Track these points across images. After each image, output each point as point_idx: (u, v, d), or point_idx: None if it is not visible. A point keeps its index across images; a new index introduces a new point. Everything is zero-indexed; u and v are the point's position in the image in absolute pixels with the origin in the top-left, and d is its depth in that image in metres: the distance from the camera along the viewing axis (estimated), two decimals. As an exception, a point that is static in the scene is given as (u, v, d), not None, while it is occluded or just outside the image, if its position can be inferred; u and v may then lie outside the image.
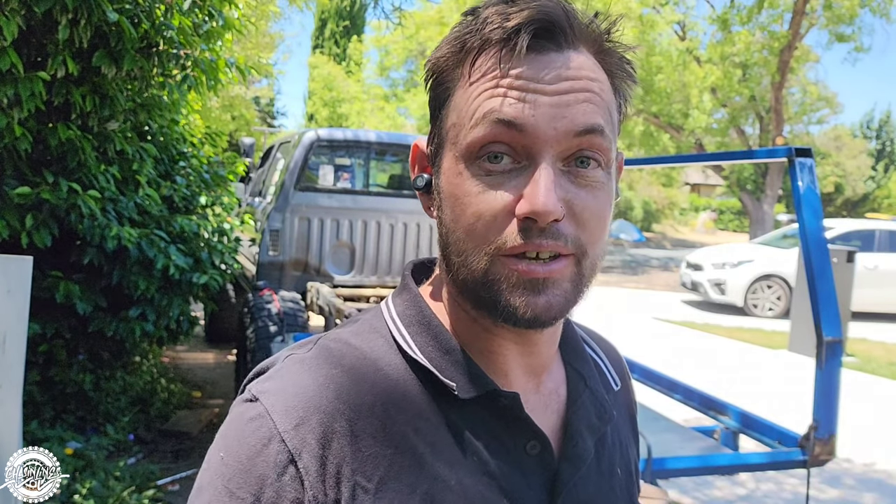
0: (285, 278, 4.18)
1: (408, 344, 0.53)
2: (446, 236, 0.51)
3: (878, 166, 28.92)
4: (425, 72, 0.53)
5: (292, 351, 0.54)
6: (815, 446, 1.84)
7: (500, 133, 0.47)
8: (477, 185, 0.48)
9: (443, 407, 0.51)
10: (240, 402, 0.51)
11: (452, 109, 0.50)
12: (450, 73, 0.51)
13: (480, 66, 0.48)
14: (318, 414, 0.47)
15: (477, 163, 0.48)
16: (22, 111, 2.47)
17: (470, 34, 0.49)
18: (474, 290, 0.50)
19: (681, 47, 13.68)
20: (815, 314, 1.82)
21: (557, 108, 0.47)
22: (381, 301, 0.60)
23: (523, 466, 0.52)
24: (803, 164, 1.82)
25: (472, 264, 0.49)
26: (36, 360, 3.07)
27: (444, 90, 0.51)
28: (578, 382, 0.59)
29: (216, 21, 3.10)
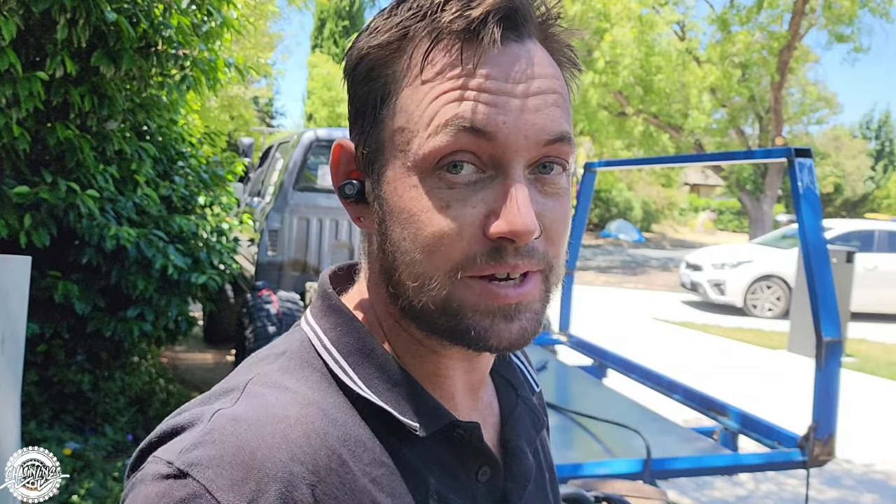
0: (284, 278, 4.18)
1: (351, 379, 0.46)
2: (393, 255, 0.44)
3: (877, 166, 28.95)
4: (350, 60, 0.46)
5: (215, 405, 0.43)
6: (814, 447, 1.84)
7: (466, 142, 0.41)
8: (437, 199, 0.42)
9: (396, 447, 0.45)
10: (155, 478, 0.39)
11: (399, 111, 0.43)
12: (388, 66, 0.44)
13: (436, 61, 0.41)
14: (274, 483, 0.38)
15: (436, 174, 0.42)
16: (20, 111, 2.47)
17: (416, 20, 0.42)
18: (432, 318, 0.44)
19: (680, 47, 13.68)
20: (815, 314, 1.82)
21: (528, 114, 0.42)
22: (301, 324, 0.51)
23: (475, 493, 0.49)
24: (803, 164, 1.82)
25: (433, 289, 0.43)
26: (34, 360, 3.06)
27: (382, 85, 0.44)
28: (510, 393, 0.56)
29: (215, 21, 3.09)
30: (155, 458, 0.41)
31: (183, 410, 0.44)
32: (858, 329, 7.78)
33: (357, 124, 0.46)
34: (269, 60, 10.62)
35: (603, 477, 1.58)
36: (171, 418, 0.44)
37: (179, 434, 0.42)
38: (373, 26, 0.45)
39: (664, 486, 2.66)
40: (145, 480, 0.40)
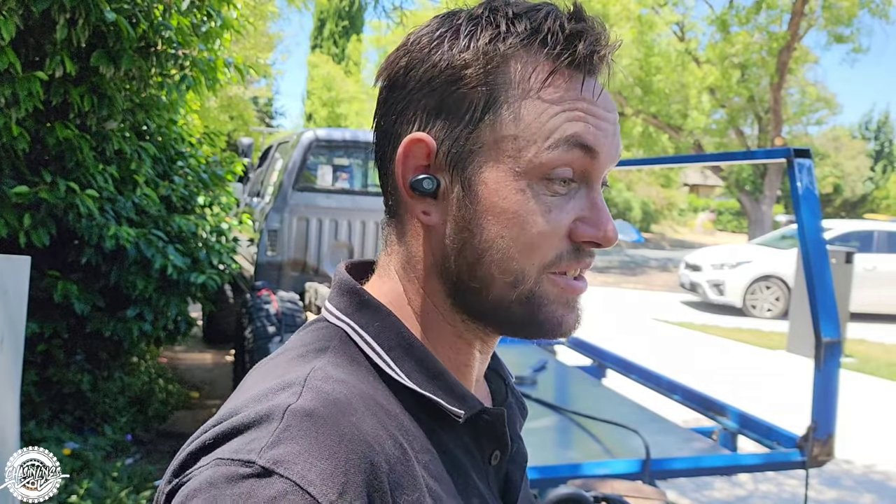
0: (283, 278, 4.17)
1: (395, 372, 0.48)
2: (480, 251, 0.48)
3: (876, 167, 28.98)
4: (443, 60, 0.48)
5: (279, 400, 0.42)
6: (813, 447, 1.84)
7: (575, 157, 0.47)
8: (542, 204, 0.47)
9: (436, 433, 0.48)
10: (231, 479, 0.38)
11: (510, 120, 0.47)
12: (498, 75, 0.47)
13: (557, 83, 0.47)
14: (360, 474, 0.40)
15: (544, 182, 0.47)
16: (20, 111, 2.47)
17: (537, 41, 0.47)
18: (510, 308, 0.48)
19: (680, 48, 13.69)
20: (814, 315, 1.82)
21: (614, 137, 0.50)
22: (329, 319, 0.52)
23: (487, 476, 0.52)
24: (802, 164, 1.82)
25: (525, 283, 0.48)
26: (34, 359, 3.06)
27: (486, 93, 0.47)
28: (499, 383, 0.60)
29: (214, 21, 3.09)
30: (222, 461, 0.39)
31: (236, 411, 0.43)
32: (858, 329, 7.79)
33: (440, 124, 0.48)
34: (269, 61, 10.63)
35: (602, 477, 1.59)
36: (225, 416, 0.43)
37: (245, 433, 0.41)
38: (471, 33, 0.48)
39: (663, 486, 2.66)
40: (217, 484, 0.38)
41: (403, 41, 0.51)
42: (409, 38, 0.50)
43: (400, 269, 0.52)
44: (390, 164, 0.50)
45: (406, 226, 0.51)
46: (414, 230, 0.51)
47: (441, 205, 0.49)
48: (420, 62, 0.49)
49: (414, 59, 0.49)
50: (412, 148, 0.49)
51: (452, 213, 0.49)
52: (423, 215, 0.50)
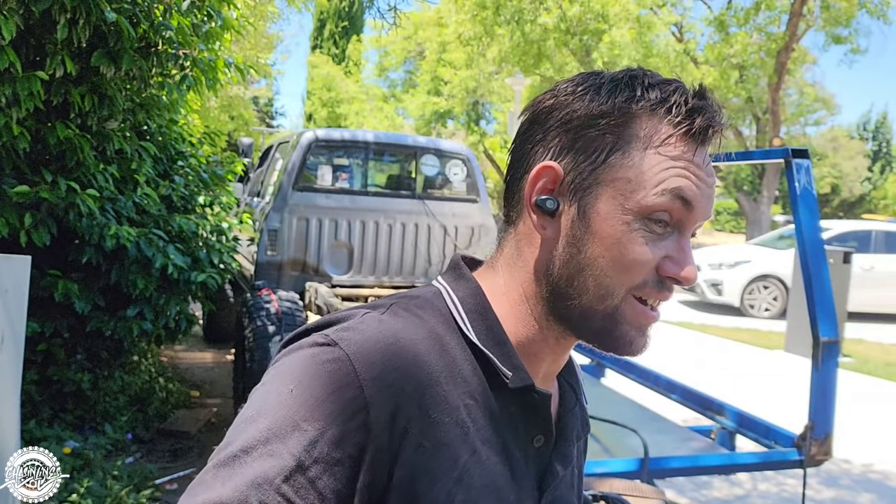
0: (283, 278, 4.18)
1: (467, 328, 0.58)
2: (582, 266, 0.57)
3: (874, 167, 29.02)
4: (585, 108, 0.57)
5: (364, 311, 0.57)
6: (811, 446, 1.85)
7: (675, 207, 0.56)
8: (640, 237, 0.56)
9: (487, 389, 0.57)
10: (310, 343, 0.53)
11: (629, 165, 0.57)
12: (627, 128, 0.57)
13: (675, 144, 0.56)
14: (395, 373, 0.51)
15: (645, 221, 0.56)
16: (20, 110, 2.47)
17: (664, 109, 0.57)
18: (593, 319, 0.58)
19: (678, 48, 13.71)
20: (812, 315, 1.83)
21: (710, 200, 0.59)
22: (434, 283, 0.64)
23: (528, 456, 0.60)
24: (800, 165, 1.83)
25: (611, 299, 0.57)
26: (34, 359, 3.07)
27: (614, 140, 0.57)
28: (570, 394, 0.69)
29: (215, 21, 3.10)
30: (311, 335, 0.55)
31: (337, 313, 0.58)
32: (855, 329, 7.80)
33: (571, 157, 0.58)
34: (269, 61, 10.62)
35: (601, 476, 1.59)
36: (326, 317, 0.58)
37: (334, 325, 0.55)
38: (612, 90, 0.58)
39: (662, 485, 2.67)
40: (302, 347, 0.54)
41: (552, 86, 0.62)
42: (558, 85, 0.61)
43: (505, 266, 0.62)
44: (521, 182, 0.60)
45: (521, 234, 0.61)
46: (528, 239, 0.61)
47: (556, 223, 0.59)
48: (564, 105, 0.59)
49: (559, 102, 0.59)
50: (543, 172, 0.59)
51: (566, 231, 0.59)
52: (541, 228, 0.60)
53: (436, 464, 0.52)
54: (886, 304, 8.98)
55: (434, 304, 0.60)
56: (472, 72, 16.78)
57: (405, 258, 4.42)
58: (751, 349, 6.92)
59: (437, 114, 18.96)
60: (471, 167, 4.66)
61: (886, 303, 8.95)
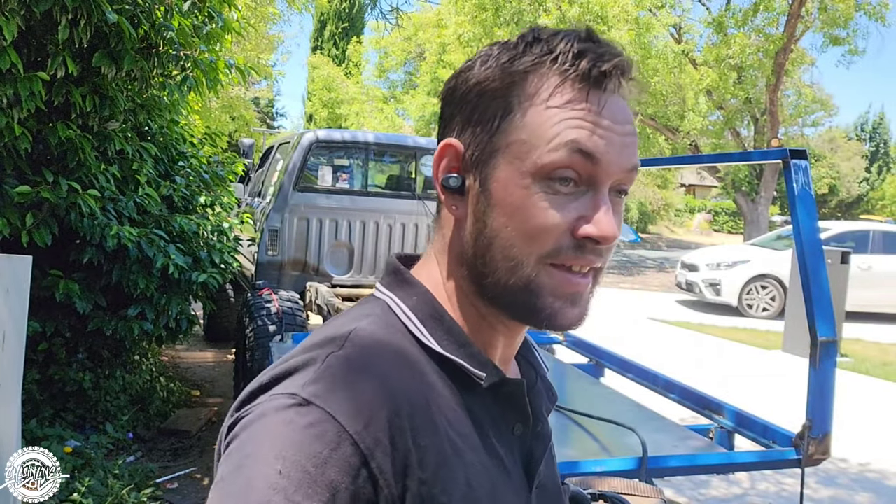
0: (284, 278, 4.19)
1: (427, 339, 0.55)
2: (490, 240, 0.54)
3: (872, 168, 29.07)
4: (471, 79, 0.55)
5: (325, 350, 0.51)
6: (809, 446, 1.86)
7: (575, 161, 0.52)
8: (542, 200, 0.52)
9: (462, 396, 0.55)
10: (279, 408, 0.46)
11: (521, 126, 0.53)
12: (513, 89, 0.54)
13: (563, 93, 0.52)
14: (383, 410, 0.47)
15: (546, 182, 0.52)
16: (22, 111, 2.48)
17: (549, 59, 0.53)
18: (513, 294, 0.54)
19: (677, 50, 13.72)
20: (810, 315, 1.84)
21: (623, 148, 0.54)
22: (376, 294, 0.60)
23: (511, 446, 0.59)
24: (798, 165, 1.84)
25: (522, 270, 0.53)
26: (35, 358, 3.07)
27: (506, 104, 0.54)
28: (529, 370, 0.67)
29: (216, 23, 3.11)
30: (274, 395, 0.48)
31: (290, 358, 0.52)
32: (853, 329, 7.82)
33: (469, 131, 0.56)
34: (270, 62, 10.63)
35: (599, 474, 1.60)
36: (279, 364, 0.52)
37: (293, 374, 0.50)
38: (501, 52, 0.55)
39: (660, 483, 2.68)
40: (267, 413, 0.47)
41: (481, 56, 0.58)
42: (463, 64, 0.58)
43: (438, 255, 0.60)
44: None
45: (442, 219, 0.60)
46: (447, 222, 0.59)
47: (465, 200, 0.57)
48: (463, 82, 0.57)
49: (459, 79, 0.57)
50: (445, 151, 0.57)
51: (472, 207, 0.56)
52: (453, 209, 0.58)
53: (438, 491, 0.49)
54: (883, 304, 9.00)
55: (387, 320, 0.56)
56: (471, 72, 16.73)
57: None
58: (749, 349, 6.94)
59: (437, 115, 18.90)
60: (470, 168, 4.66)
61: (883, 303, 8.97)
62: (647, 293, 11.20)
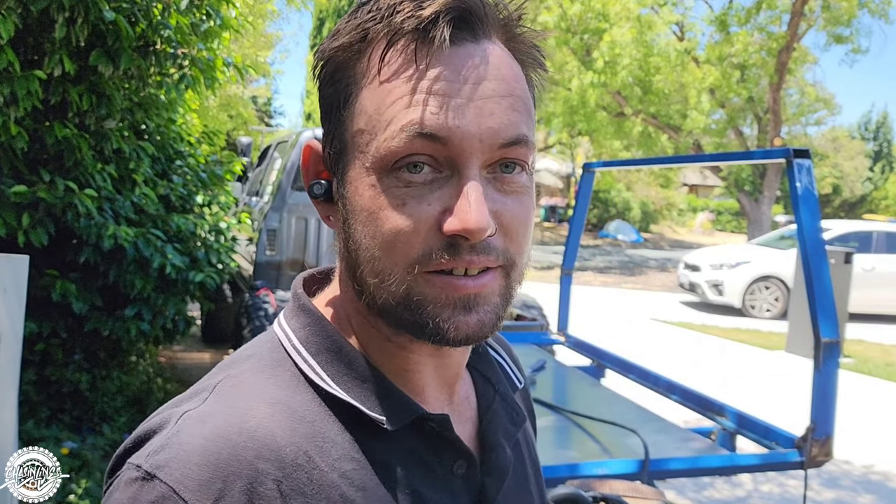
0: (282, 278, 4.18)
1: (320, 377, 0.46)
2: (356, 253, 0.45)
3: (875, 167, 29.03)
4: (316, 63, 0.47)
5: (184, 406, 0.44)
6: (812, 447, 1.84)
7: (421, 146, 0.42)
8: (393, 198, 0.42)
9: (367, 442, 0.45)
10: (127, 482, 0.40)
11: (359, 113, 0.44)
12: (350, 68, 0.45)
13: (391, 62, 0.42)
14: (239, 480, 0.39)
15: (394, 174, 0.43)
16: (18, 110, 2.46)
17: (374, 22, 0.43)
18: (395, 312, 0.45)
19: (679, 48, 13.69)
20: (813, 315, 1.82)
21: (482, 118, 0.42)
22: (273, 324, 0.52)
23: (452, 487, 0.49)
24: (801, 165, 1.82)
25: (392, 284, 0.44)
26: (32, 359, 3.06)
27: (345, 87, 0.45)
28: (487, 388, 0.56)
29: (214, 20, 3.09)
30: (128, 464, 0.42)
31: (156, 414, 0.45)
32: (856, 330, 7.79)
33: (324, 126, 0.47)
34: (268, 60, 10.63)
35: (601, 477, 1.59)
36: (145, 422, 0.45)
37: (151, 438, 0.43)
38: (336, 29, 0.46)
39: (662, 486, 2.66)
40: (119, 487, 0.41)
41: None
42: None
43: (336, 274, 0.52)
44: None
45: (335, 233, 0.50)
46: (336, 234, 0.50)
47: (336, 208, 0.48)
48: (318, 59, 0.47)
49: (316, 57, 0.47)
50: (308, 154, 0.48)
51: (341, 216, 0.47)
52: (327, 220, 0.49)
53: None
54: (887, 305, 8.97)
55: (274, 358, 0.47)
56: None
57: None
58: (752, 350, 6.91)
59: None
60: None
61: (887, 303, 8.94)
62: (649, 293, 11.18)
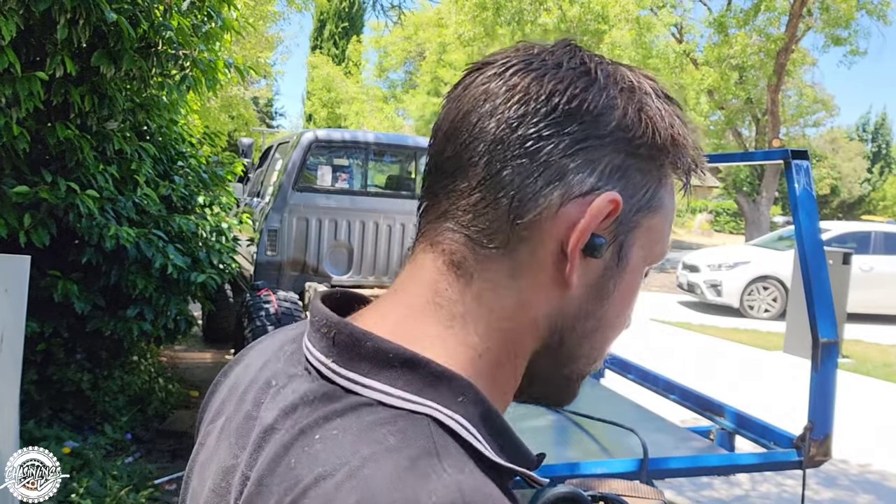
0: (283, 278, 4.18)
1: (489, 451, 0.39)
2: (596, 326, 0.45)
3: (873, 169, 29.07)
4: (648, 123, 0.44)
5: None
6: (810, 447, 1.85)
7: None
8: (637, 294, 0.48)
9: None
10: None
11: (660, 208, 0.46)
12: (664, 157, 0.45)
13: (678, 185, 0.48)
14: None
15: (643, 277, 0.48)
16: (20, 110, 2.47)
17: (693, 150, 0.47)
18: (569, 381, 0.48)
19: (678, 49, 13.72)
20: (811, 316, 1.83)
21: None
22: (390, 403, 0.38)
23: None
24: (800, 166, 1.83)
25: (599, 361, 0.48)
26: (34, 358, 3.06)
27: (658, 169, 0.45)
28: None
29: (215, 22, 3.10)
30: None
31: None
32: (854, 330, 7.81)
33: (619, 186, 0.43)
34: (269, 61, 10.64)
35: (600, 476, 1.60)
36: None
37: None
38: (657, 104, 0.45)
39: (661, 485, 2.67)
40: None
41: (582, 62, 0.44)
42: (597, 65, 0.44)
43: (478, 309, 0.43)
44: (538, 197, 0.42)
45: (523, 268, 0.43)
46: (533, 278, 0.43)
47: (586, 266, 0.43)
48: (611, 106, 0.43)
49: (612, 99, 0.43)
50: (611, 206, 0.42)
51: (592, 280, 0.44)
52: (571, 275, 0.43)
53: None
54: (885, 305, 8.98)
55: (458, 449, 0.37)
56: (471, 72, 16.75)
57: (405, 258, 4.42)
58: (750, 350, 6.93)
59: (437, 114, 18.94)
60: (470, 168, 4.66)
61: (885, 304, 8.96)
62: (647, 294, 11.19)
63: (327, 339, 0.42)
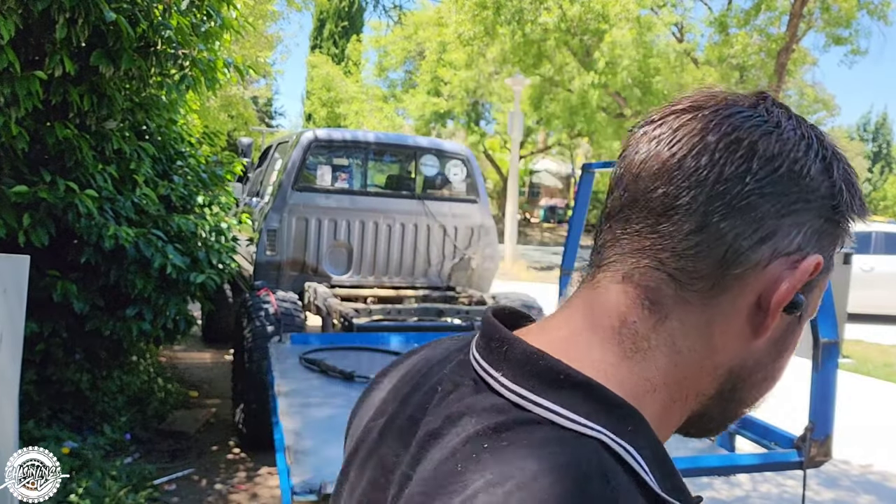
0: (282, 278, 4.18)
1: (653, 481, 0.40)
2: (766, 376, 0.49)
3: (874, 168, 29.08)
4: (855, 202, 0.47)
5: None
6: (811, 447, 1.85)
7: None
8: None
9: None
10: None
11: (832, 268, 0.48)
12: (851, 224, 0.47)
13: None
14: None
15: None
16: (19, 110, 2.47)
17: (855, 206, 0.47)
18: (726, 423, 0.51)
19: (678, 49, 13.72)
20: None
21: None
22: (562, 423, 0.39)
23: None
24: (800, 166, 1.82)
25: (755, 407, 0.51)
26: (33, 359, 3.06)
27: (840, 234, 0.47)
28: None
29: (214, 21, 3.10)
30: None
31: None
32: (855, 330, 7.80)
33: (817, 246, 0.45)
34: (269, 60, 10.64)
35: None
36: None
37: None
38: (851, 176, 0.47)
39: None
40: None
41: (799, 123, 0.47)
42: (807, 128, 0.47)
43: (667, 348, 0.44)
44: (749, 251, 0.43)
45: (719, 316, 0.44)
46: (726, 325, 0.45)
47: (775, 323, 0.46)
48: (832, 178, 0.46)
49: (826, 166, 0.46)
50: (811, 267, 0.44)
51: (778, 333, 0.47)
52: (766, 328, 0.45)
53: None
54: (885, 306, 8.98)
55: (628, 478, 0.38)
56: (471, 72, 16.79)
57: (405, 258, 4.42)
58: (750, 350, 6.92)
59: (436, 114, 18.97)
60: (470, 167, 4.66)
61: (885, 304, 8.95)
62: (648, 293, 11.19)
63: (498, 353, 0.44)
